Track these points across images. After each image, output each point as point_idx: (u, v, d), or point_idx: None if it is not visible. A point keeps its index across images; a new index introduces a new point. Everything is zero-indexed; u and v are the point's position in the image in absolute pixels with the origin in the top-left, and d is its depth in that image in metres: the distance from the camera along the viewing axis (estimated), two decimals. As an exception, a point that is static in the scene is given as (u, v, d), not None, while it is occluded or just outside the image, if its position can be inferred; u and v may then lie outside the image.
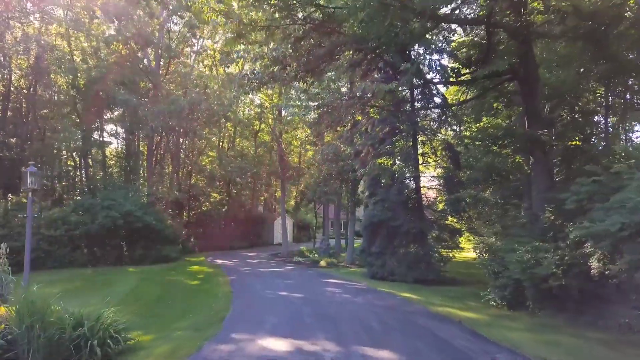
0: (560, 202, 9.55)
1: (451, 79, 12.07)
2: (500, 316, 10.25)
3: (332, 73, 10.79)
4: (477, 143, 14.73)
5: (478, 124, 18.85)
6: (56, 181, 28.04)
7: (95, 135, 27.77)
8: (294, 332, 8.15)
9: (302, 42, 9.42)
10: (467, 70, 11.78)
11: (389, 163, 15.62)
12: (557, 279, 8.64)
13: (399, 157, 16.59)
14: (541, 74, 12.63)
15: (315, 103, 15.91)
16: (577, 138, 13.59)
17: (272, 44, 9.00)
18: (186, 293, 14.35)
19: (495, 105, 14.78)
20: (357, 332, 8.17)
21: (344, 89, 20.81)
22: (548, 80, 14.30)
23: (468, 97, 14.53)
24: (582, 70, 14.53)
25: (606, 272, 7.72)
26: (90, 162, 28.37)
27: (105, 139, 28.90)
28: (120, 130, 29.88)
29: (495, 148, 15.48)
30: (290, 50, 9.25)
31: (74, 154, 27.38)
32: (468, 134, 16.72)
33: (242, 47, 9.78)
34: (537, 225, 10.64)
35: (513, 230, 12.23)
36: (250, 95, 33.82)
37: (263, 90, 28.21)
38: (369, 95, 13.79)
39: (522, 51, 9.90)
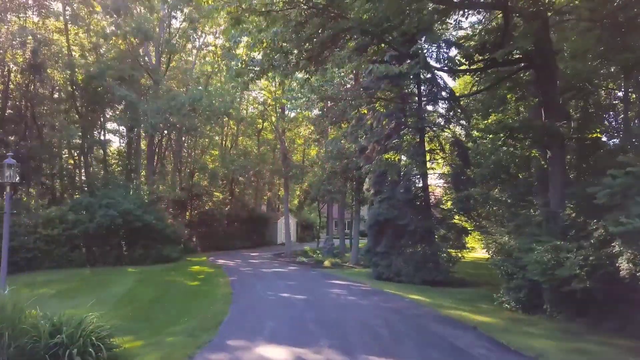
0: (582, 197, 8.86)
1: (463, 67, 11.38)
2: (516, 320, 9.59)
3: (336, 64, 10.06)
4: (489, 136, 13.98)
5: (486, 121, 18.19)
6: (57, 180, 27.61)
7: (96, 134, 27.36)
8: (295, 339, 7.52)
9: (304, 28, 8.80)
10: (481, 58, 11.07)
11: (397, 158, 14.95)
12: (581, 281, 7.95)
13: (406, 153, 15.94)
14: (555, 64, 11.89)
15: (319, 96, 15.23)
16: (597, 130, 12.84)
17: (272, 30, 8.39)
18: (184, 294, 13.81)
19: (509, 96, 14.05)
20: (364, 340, 7.53)
21: (348, 86, 20.30)
22: (562, 72, 13.58)
23: (479, 89, 13.78)
24: (597, 62, 13.81)
25: (638, 274, 7.03)
26: (91, 161, 27.94)
27: (104, 138, 28.47)
28: (121, 128, 29.43)
29: (501, 143, 14.83)
30: (292, 36, 8.63)
31: (73, 152, 26.91)
32: (479, 128, 15.96)
33: (242, 35, 9.18)
34: (557, 223, 9.93)
35: (528, 229, 11.53)
36: (253, 94, 33.65)
37: (263, 81, 27.93)
38: (372, 90, 13.24)
39: (539, 36, 9.21)
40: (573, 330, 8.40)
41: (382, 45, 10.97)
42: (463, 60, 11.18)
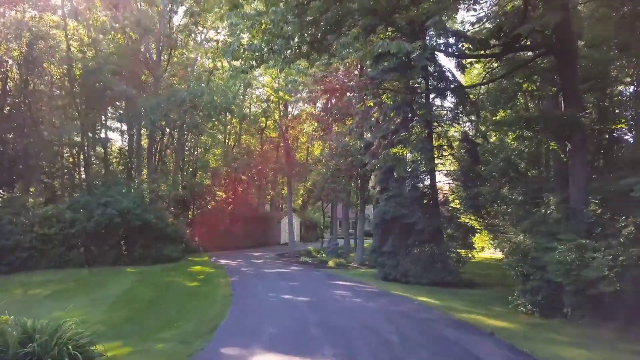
0: (609, 192, 8.15)
1: (478, 52, 10.67)
2: (535, 325, 8.89)
3: (340, 49, 9.37)
4: (504, 128, 13.24)
5: (495, 117, 17.51)
6: (57, 179, 27.15)
7: (97, 131, 26.87)
8: (297, 347, 6.86)
9: (306, 11, 8.16)
10: (497, 42, 10.31)
11: (405, 152, 14.24)
12: (611, 283, 7.24)
13: (414, 148, 15.26)
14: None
15: (322, 88, 14.55)
16: (622, 120, 12.07)
17: (272, 9, 7.75)
18: (182, 296, 13.27)
19: (525, 85, 13.31)
20: (373, 348, 6.83)
21: (353, 83, 19.62)
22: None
23: (493, 78, 13.00)
24: (614, 52, 13.09)
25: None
26: (91, 159, 27.48)
27: (106, 135, 27.97)
28: (122, 126, 28.93)
29: (515, 136, 14.10)
30: (294, 19, 7.99)
31: (72, 149, 26.42)
32: (492, 121, 15.22)
33: (239, 18, 8.55)
34: (579, 220, 9.21)
35: (543, 227, 10.82)
36: (257, 92, 33.10)
37: (266, 78, 27.35)
38: (379, 80, 12.58)
39: (560, 17, 8.47)
40: (601, 337, 7.66)
41: (390, 32, 10.32)
42: (478, 45, 10.42)
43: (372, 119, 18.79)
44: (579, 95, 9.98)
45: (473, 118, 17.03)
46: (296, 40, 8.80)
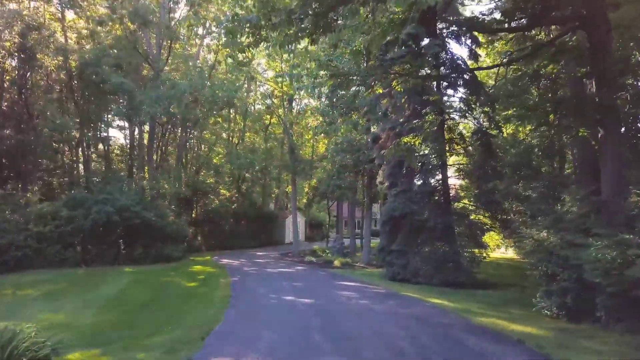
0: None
1: (497, 27, 9.73)
2: (564, 331, 7.94)
3: (346, 26, 8.50)
4: (528, 114, 12.26)
5: (506, 112, 16.54)
6: (57, 176, 26.57)
7: (98, 129, 26.26)
8: (297, 356, 5.97)
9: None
10: (522, 16, 9.34)
11: (417, 142, 13.30)
12: (660, 284, 6.28)
13: (427, 137, 14.34)
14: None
15: (328, 72, 13.67)
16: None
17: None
18: (178, 297, 12.48)
19: (550, 67, 12.34)
20: (384, 357, 5.93)
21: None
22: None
23: (515, 57, 11.94)
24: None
25: None
26: (93, 157, 26.90)
27: (106, 132, 27.39)
28: (122, 123, 28.28)
29: (537, 125, 13.11)
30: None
31: (70, 146, 25.81)
32: (518, 105, 14.24)
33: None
34: (615, 212, 8.23)
35: (564, 224, 9.84)
36: (261, 89, 32.38)
37: (270, 74, 26.56)
38: (389, 63, 11.69)
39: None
40: (646, 345, 6.71)
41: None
42: (502, 17, 9.47)
43: (380, 113, 17.91)
44: (612, 75, 8.99)
45: (487, 109, 16.04)
46: (298, 14, 7.91)
